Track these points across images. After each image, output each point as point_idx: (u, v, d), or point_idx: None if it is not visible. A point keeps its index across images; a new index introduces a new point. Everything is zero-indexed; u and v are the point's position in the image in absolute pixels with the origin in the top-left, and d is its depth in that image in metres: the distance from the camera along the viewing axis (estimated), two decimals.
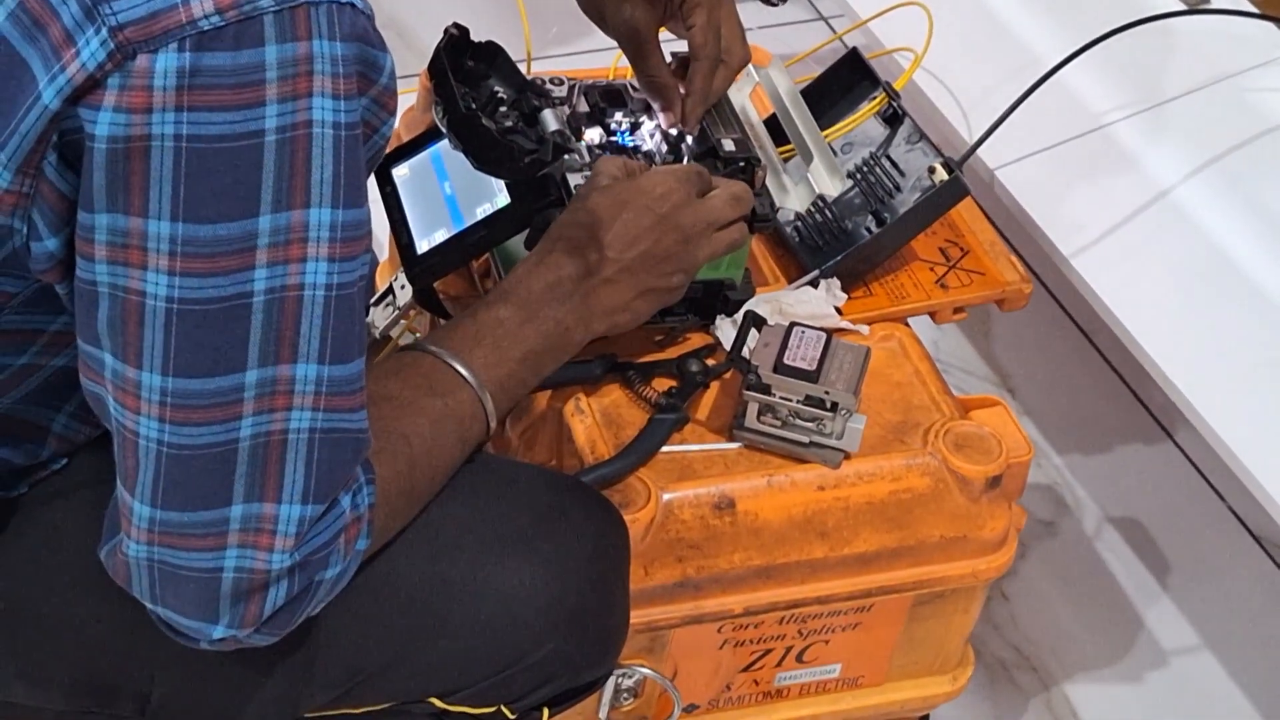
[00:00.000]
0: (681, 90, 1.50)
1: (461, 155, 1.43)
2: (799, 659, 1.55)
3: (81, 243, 1.05)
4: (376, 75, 1.08)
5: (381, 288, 1.54)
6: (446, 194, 1.49)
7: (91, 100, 1.00)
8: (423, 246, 1.48)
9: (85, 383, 1.09)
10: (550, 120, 1.47)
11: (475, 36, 1.47)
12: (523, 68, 1.52)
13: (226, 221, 1.03)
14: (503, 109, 1.47)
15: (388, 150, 1.59)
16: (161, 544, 1.08)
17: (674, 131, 1.52)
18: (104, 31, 0.99)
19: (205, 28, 0.99)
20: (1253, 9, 1.91)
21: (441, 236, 1.47)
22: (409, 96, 1.77)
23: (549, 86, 1.50)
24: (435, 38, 1.45)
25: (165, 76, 0.99)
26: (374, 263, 1.13)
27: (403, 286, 1.50)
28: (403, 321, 1.52)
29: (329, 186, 1.05)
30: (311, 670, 1.24)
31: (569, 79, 1.53)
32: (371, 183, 1.53)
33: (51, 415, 1.21)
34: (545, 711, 1.33)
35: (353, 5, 1.04)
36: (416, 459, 1.21)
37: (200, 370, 1.05)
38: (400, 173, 1.53)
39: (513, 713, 1.31)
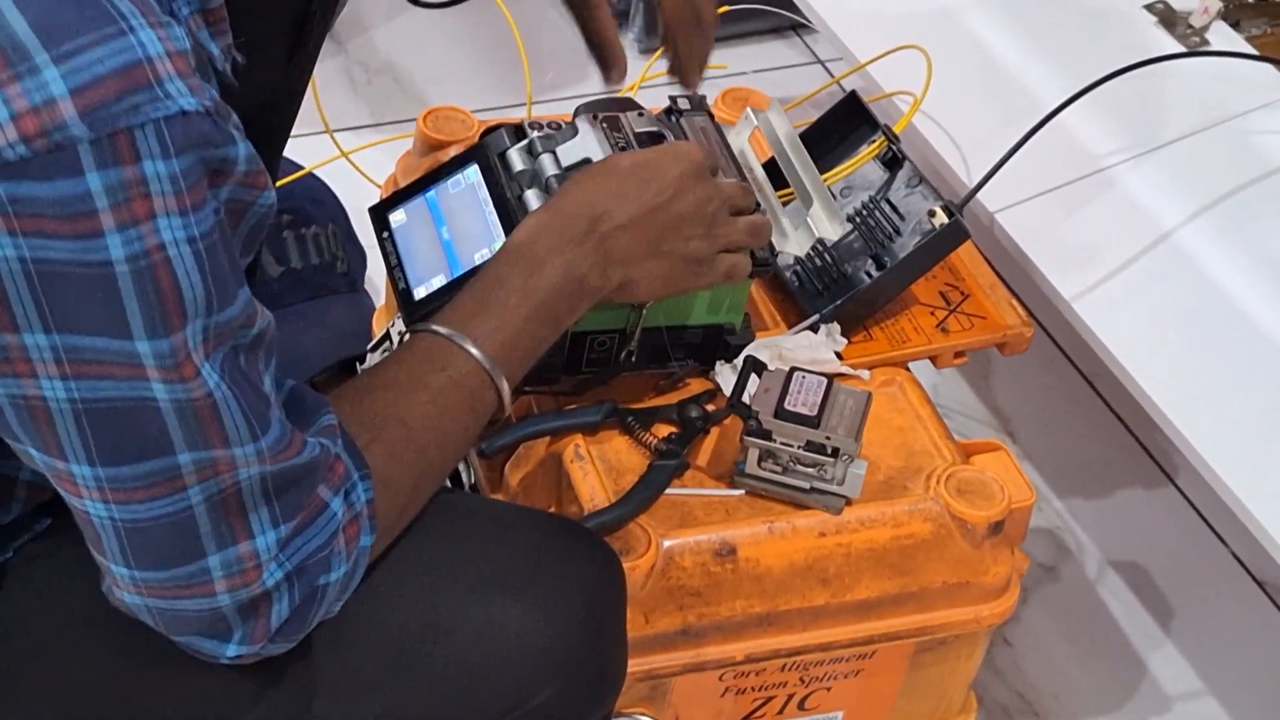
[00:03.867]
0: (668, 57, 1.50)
1: (459, 201, 1.43)
2: (801, 706, 1.54)
3: None
4: (231, 167, 1.02)
5: (379, 333, 1.53)
6: (444, 239, 1.48)
7: None
8: (420, 292, 1.47)
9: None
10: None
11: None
12: (523, 111, 1.52)
13: (106, 337, 0.99)
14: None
15: (386, 195, 1.59)
16: (152, 595, 1.08)
17: None
18: None
19: (10, 158, 0.93)
20: (1252, 51, 1.91)
21: (439, 283, 1.46)
22: (405, 142, 1.78)
23: (548, 130, 1.49)
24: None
25: None
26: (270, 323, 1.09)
27: (400, 333, 1.49)
28: None
29: (202, 299, 1.01)
30: None
31: (565, 122, 1.52)
32: (368, 228, 1.54)
33: (16, 464, 1.16)
34: None
35: (183, 112, 0.97)
36: (420, 440, 1.20)
37: (127, 458, 1.03)
38: (397, 218, 1.52)
39: None
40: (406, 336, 1.28)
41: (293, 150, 1.49)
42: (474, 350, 1.25)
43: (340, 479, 1.13)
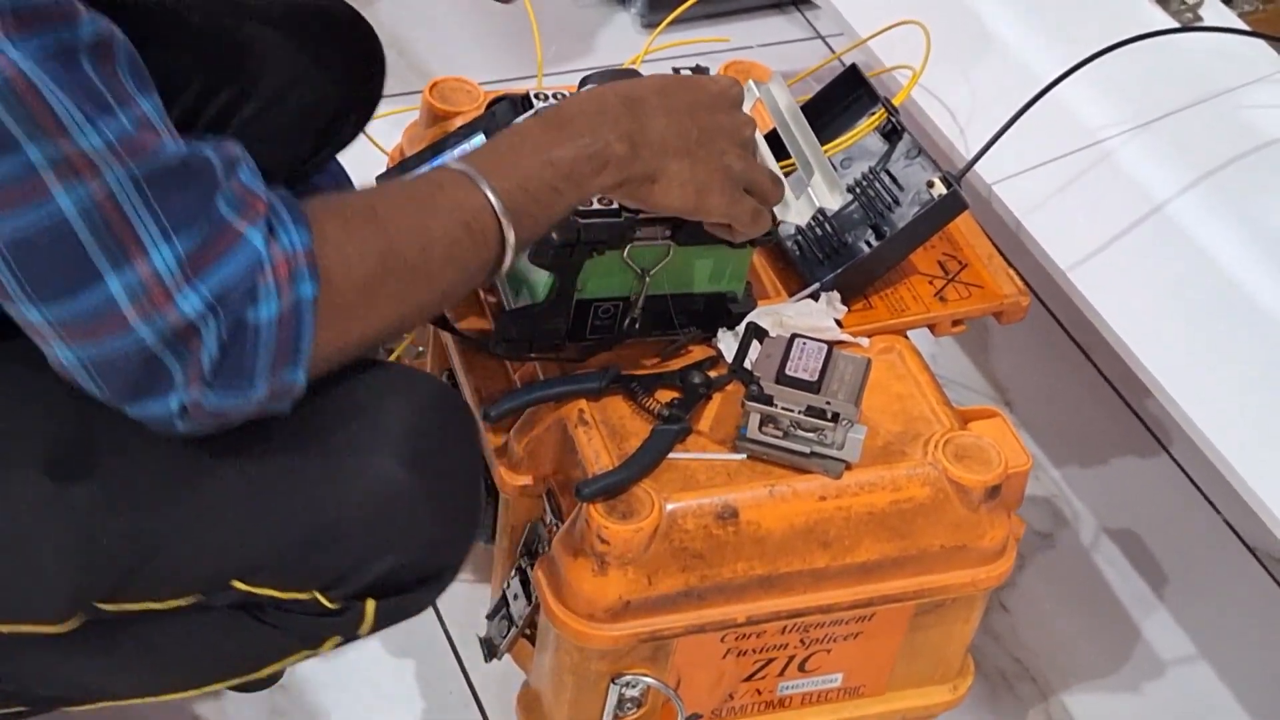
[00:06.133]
0: None
1: None
2: (801, 668, 1.56)
3: None
4: None
5: None
6: None
7: None
8: None
9: None
10: None
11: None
12: (528, 84, 1.54)
13: None
14: None
15: (390, 165, 1.60)
16: (74, 341, 1.07)
17: None
18: None
19: None
20: (1245, 27, 1.92)
21: None
22: (411, 114, 1.79)
23: (554, 101, 1.51)
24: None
25: None
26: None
27: None
28: (405, 336, 1.53)
29: (79, 115, 1.02)
30: (93, 538, 1.19)
31: (570, 93, 1.54)
32: None
33: None
34: (371, 604, 1.27)
35: None
36: (386, 227, 1.16)
37: None
38: None
39: (332, 601, 1.25)
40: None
41: None
42: (469, 170, 1.21)
43: (260, 214, 1.09)
